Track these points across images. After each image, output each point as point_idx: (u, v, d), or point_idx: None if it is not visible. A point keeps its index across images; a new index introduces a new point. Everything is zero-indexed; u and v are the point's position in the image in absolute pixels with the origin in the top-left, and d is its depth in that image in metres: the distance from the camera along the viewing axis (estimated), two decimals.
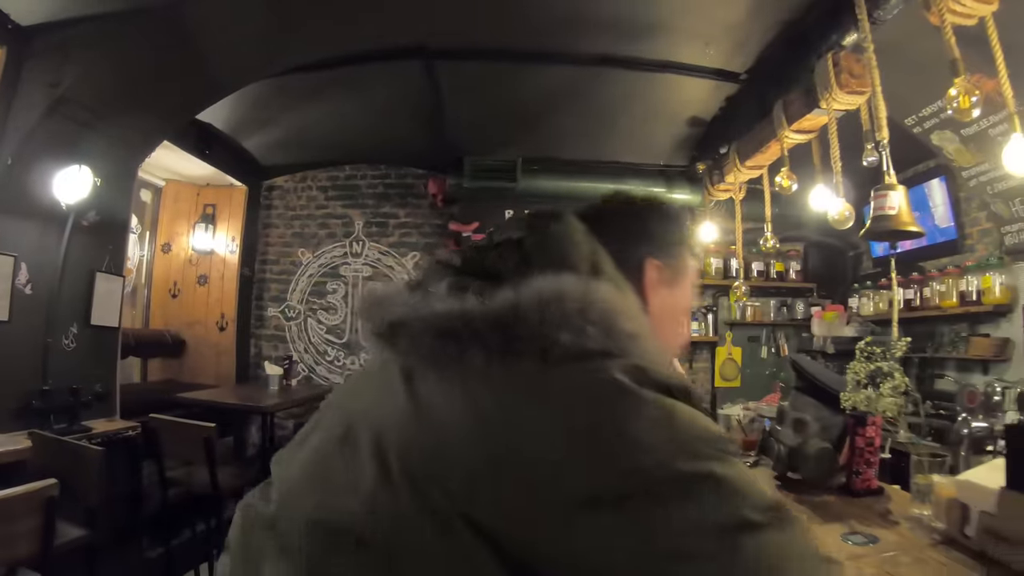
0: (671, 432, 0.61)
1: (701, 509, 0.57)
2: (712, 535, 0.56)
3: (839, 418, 2.11)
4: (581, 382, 0.63)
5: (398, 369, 0.72)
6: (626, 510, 0.56)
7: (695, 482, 0.58)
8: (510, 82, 4.45)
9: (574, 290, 0.68)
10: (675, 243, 1.08)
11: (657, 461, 0.58)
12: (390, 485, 0.62)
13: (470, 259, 0.80)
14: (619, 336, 0.68)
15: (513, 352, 0.65)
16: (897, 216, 2.52)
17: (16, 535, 2.14)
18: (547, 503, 0.57)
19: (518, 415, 0.62)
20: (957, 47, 2.38)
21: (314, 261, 6.36)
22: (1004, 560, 1.46)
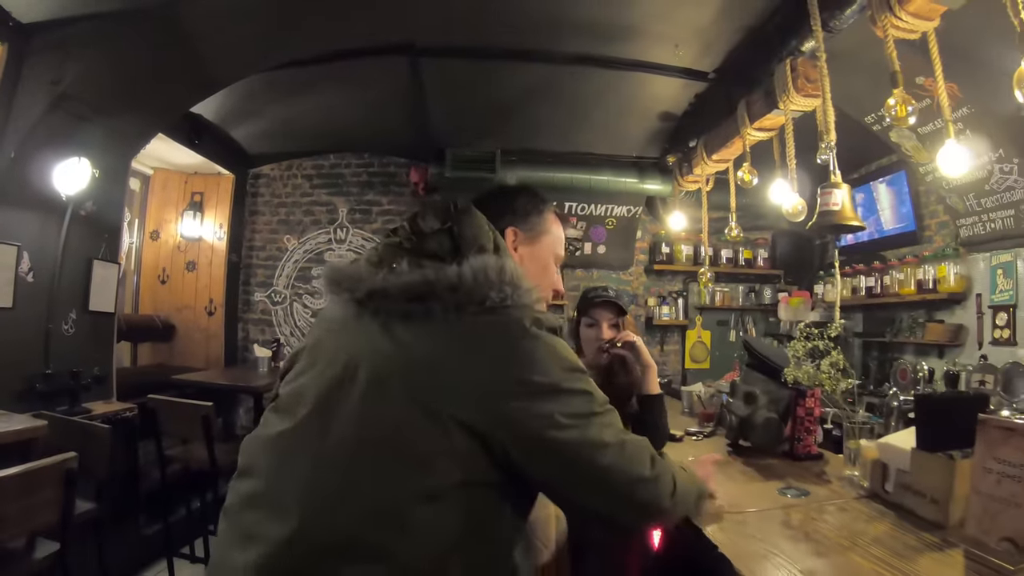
0: (555, 359, 1.11)
1: (571, 404, 1.10)
2: (578, 417, 1.10)
3: (786, 391, 2.36)
4: (503, 325, 1.10)
5: (377, 324, 1.12)
6: (531, 400, 1.06)
7: (569, 389, 1.11)
8: (491, 78, 4.62)
9: (493, 263, 1.12)
10: (529, 212, 1.49)
11: (548, 374, 1.09)
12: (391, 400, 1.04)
13: (416, 244, 1.21)
14: (522, 291, 1.13)
15: (460, 306, 1.08)
16: (840, 211, 2.75)
17: (37, 506, 2.26)
18: (487, 398, 1.05)
19: (466, 347, 1.07)
20: (929, 52, 2.61)
21: (299, 247, 6.52)
22: (911, 507, 1.72)
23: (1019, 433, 1.45)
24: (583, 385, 1.14)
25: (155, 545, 3.99)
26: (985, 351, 4.31)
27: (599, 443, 1.11)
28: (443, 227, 1.22)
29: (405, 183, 6.44)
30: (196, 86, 4.14)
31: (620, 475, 1.12)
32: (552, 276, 1.54)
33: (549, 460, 1.09)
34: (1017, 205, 3.98)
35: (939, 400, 1.79)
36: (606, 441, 1.11)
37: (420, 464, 1.02)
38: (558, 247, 1.56)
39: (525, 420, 1.06)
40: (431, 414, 1.02)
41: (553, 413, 1.07)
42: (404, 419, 1.02)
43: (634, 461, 1.15)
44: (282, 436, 1.11)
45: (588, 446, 1.10)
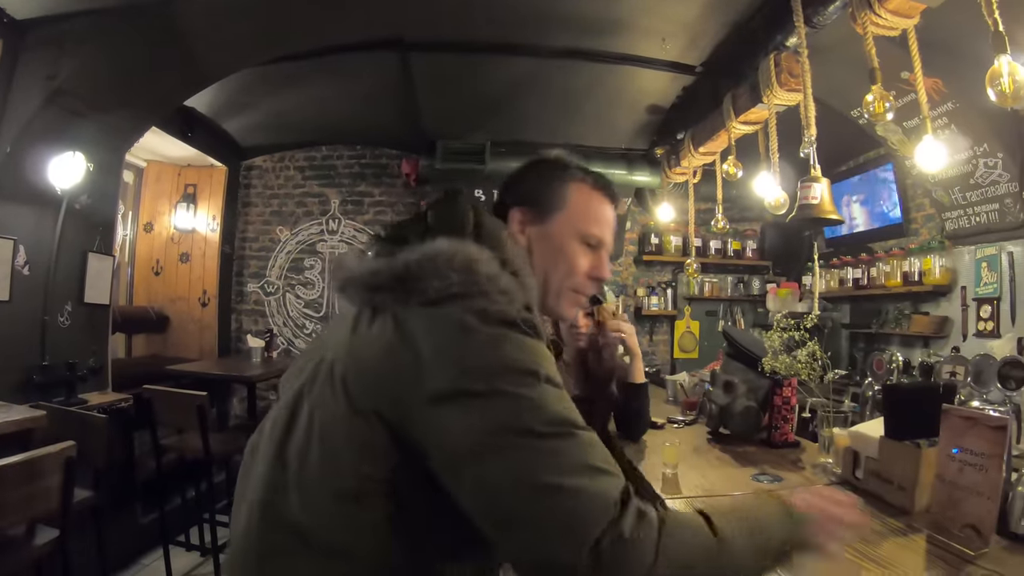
0: (493, 357, 0.89)
1: (500, 415, 0.86)
2: (504, 434, 0.84)
3: (765, 381, 2.44)
4: (437, 320, 0.93)
5: (352, 315, 1.03)
6: (450, 406, 0.87)
7: (495, 395, 0.86)
8: (480, 72, 4.66)
9: (445, 249, 0.97)
10: (541, 185, 1.29)
11: (476, 375, 0.87)
12: (335, 393, 0.95)
13: (392, 230, 1.11)
14: (478, 279, 0.95)
15: (406, 297, 0.95)
16: (819, 205, 2.82)
17: (37, 493, 2.31)
18: (412, 401, 0.89)
19: (401, 343, 0.92)
20: (913, 49, 2.67)
21: (292, 238, 6.56)
22: (879, 493, 1.79)
23: (980, 423, 1.52)
24: (523, 391, 0.87)
25: (152, 533, 4.06)
26: (968, 343, 4.39)
27: (518, 478, 0.83)
28: (421, 212, 1.13)
29: (397, 174, 6.48)
30: (189, 80, 4.18)
31: (535, 537, 0.82)
32: (576, 260, 1.26)
33: (456, 484, 0.88)
34: (1001, 199, 4.03)
35: (906, 390, 1.86)
36: (532, 480, 0.82)
37: (353, 463, 0.92)
38: (584, 224, 1.27)
39: (438, 428, 0.88)
40: (362, 412, 0.92)
41: (469, 425, 0.86)
42: (342, 416, 0.93)
43: (568, 523, 0.81)
44: (261, 432, 1.08)
45: (501, 478, 0.83)
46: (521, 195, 1.28)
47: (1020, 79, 2.01)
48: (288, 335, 6.48)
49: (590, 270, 1.28)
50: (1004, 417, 1.49)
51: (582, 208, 1.28)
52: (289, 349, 6.44)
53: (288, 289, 6.53)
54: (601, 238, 1.29)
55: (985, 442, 1.48)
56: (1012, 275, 4.11)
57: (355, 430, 0.92)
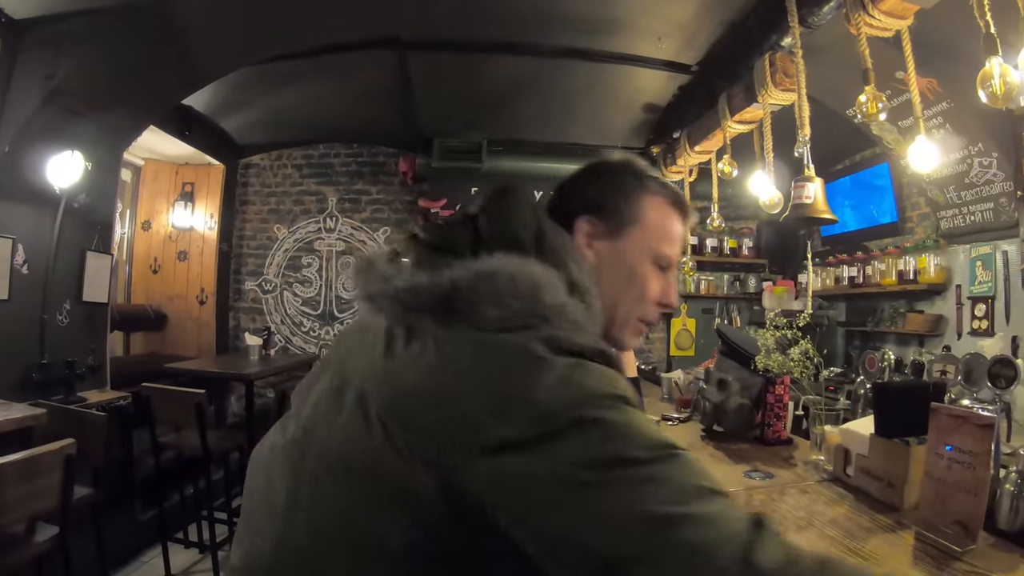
0: (570, 389, 0.72)
1: (585, 447, 0.69)
2: (599, 465, 0.68)
3: (758, 378, 2.46)
4: (499, 350, 0.76)
5: (383, 331, 0.86)
6: (527, 451, 0.69)
7: (582, 425, 0.70)
8: (478, 71, 4.69)
9: (505, 269, 0.81)
10: (615, 194, 1.10)
11: (554, 413, 0.70)
12: (368, 426, 0.78)
13: (435, 234, 0.92)
14: (542, 308, 0.80)
15: (451, 322, 0.79)
16: (813, 204, 2.84)
17: (38, 491, 2.34)
18: (474, 446, 0.71)
19: (455, 377, 0.76)
20: (907, 49, 2.69)
21: (289, 236, 6.58)
22: (869, 490, 1.81)
23: (969, 421, 1.54)
24: (614, 416, 0.72)
25: (150, 530, 4.08)
26: (963, 341, 4.41)
27: (631, 515, 0.66)
28: (470, 214, 0.94)
29: (394, 172, 6.50)
30: (187, 79, 4.19)
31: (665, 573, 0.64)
32: (647, 284, 1.10)
33: (544, 537, 0.70)
34: (996, 198, 4.04)
35: (896, 389, 1.88)
36: (646, 511, 0.66)
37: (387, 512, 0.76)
38: (659, 242, 1.11)
39: (513, 475, 0.71)
40: (402, 454, 0.75)
41: (557, 464, 0.69)
42: (376, 457, 0.77)
43: (704, 550, 0.64)
44: (274, 449, 0.95)
45: (610, 519, 0.66)
46: (590, 203, 1.09)
47: (1011, 80, 2.04)
48: (286, 333, 6.50)
49: (660, 295, 1.11)
50: (991, 415, 1.51)
51: (658, 224, 1.11)
52: (287, 347, 6.46)
53: (286, 287, 6.55)
54: (673, 260, 1.13)
55: (973, 440, 1.50)
56: (1006, 274, 4.12)
57: (391, 473, 0.76)
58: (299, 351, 6.47)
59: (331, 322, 6.51)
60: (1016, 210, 3.90)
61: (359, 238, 6.55)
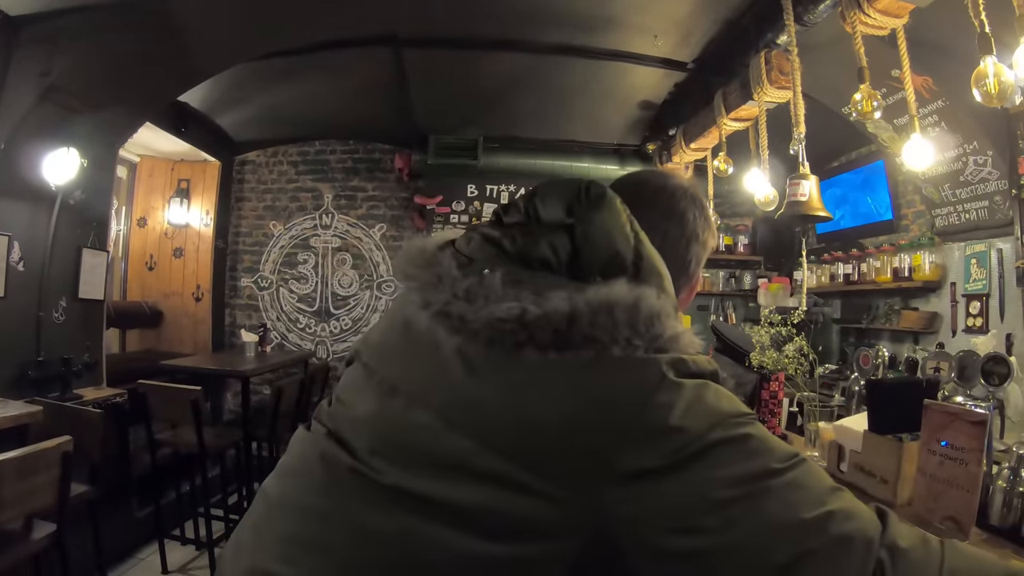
0: (704, 410, 0.71)
1: (733, 463, 0.68)
2: (744, 484, 0.67)
3: (753, 375, 2.47)
4: (627, 374, 0.72)
5: (453, 344, 0.76)
6: (672, 476, 0.67)
7: (725, 444, 0.69)
8: (473, 68, 4.69)
9: (624, 299, 0.75)
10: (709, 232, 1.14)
11: (693, 435, 0.69)
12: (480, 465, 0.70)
13: (524, 245, 0.81)
14: (661, 338, 0.75)
15: (565, 348, 0.72)
16: (807, 202, 2.85)
17: (35, 488, 2.35)
18: (601, 481, 0.68)
19: (573, 402, 0.71)
20: (902, 48, 2.71)
21: (285, 233, 6.58)
22: (863, 486, 1.83)
23: (961, 418, 1.56)
24: (752, 430, 0.73)
25: (147, 527, 4.08)
26: (957, 339, 4.43)
27: (781, 522, 0.68)
28: (564, 222, 0.81)
29: (390, 169, 6.50)
30: (183, 76, 4.19)
31: (825, 569, 0.67)
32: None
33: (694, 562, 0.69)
34: (991, 196, 4.06)
35: (889, 386, 1.90)
36: (796, 518, 0.67)
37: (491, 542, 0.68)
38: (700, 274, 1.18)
39: (652, 503, 0.68)
40: (515, 486, 0.69)
41: (700, 485, 0.68)
42: (473, 485, 0.70)
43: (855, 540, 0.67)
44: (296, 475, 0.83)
45: (769, 526, 0.68)
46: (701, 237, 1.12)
47: (1005, 80, 2.05)
48: (282, 330, 6.50)
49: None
50: (984, 412, 1.53)
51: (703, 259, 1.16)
52: (283, 343, 6.46)
53: (282, 284, 6.55)
54: None
55: (965, 437, 1.52)
56: (1001, 272, 4.14)
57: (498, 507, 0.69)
58: (295, 348, 6.47)
59: (327, 319, 6.52)
60: (1011, 208, 3.91)
61: (355, 235, 6.55)
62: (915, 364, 2.78)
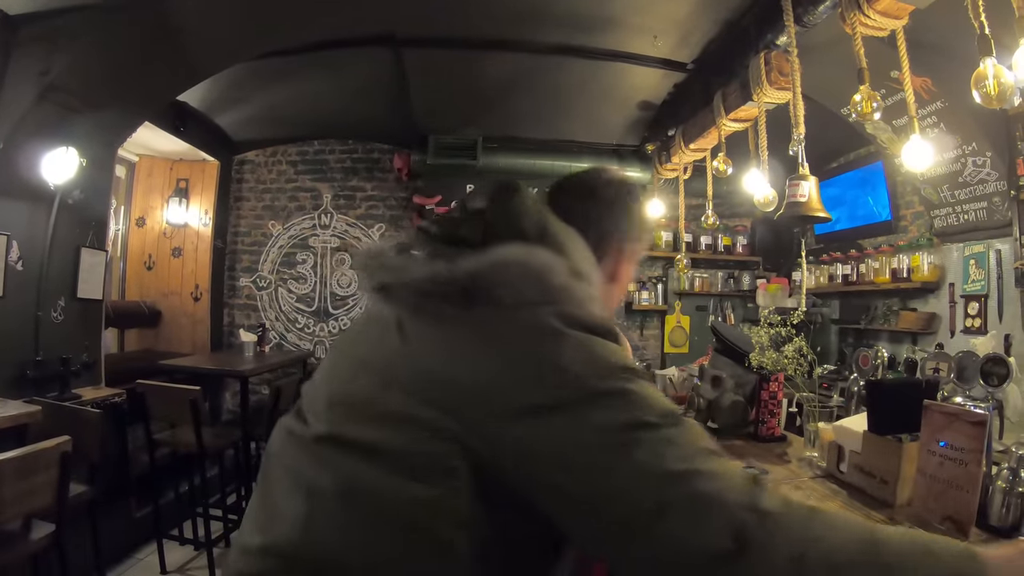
0: (588, 360, 0.82)
1: (610, 413, 0.78)
2: (615, 429, 0.77)
3: (752, 375, 2.48)
4: (518, 325, 0.85)
5: (393, 319, 0.92)
6: (555, 416, 0.78)
7: (605, 395, 0.79)
8: (472, 68, 4.68)
9: (516, 256, 0.90)
10: (636, 221, 1.31)
11: (575, 379, 0.80)
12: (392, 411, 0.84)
13: (445, 229, 1.00)
14: (550, 289, 0.88)
15: (472, 305, 0.86)
16: (807, 202, 2.85)
17: (34, 489, 2.34)
18: (497, 415, 0.79)
19: (477, 352, 0.84)
20: (902, 49, 2.71)
21: (284, 233, 6.57)
22: (862, 487, 1.83)
23: (960, 419, 1.56)
24: (627, 385, 0.81)
25: (146, 527, 4.06)
26: (956, 340, 4.44)
27: (646, 471, 0.76)
28: (481, 209, 1.02)
29: (389, 169, 6.49)
30: (182, 75, 4.19)
31: (676, 527, 0.73)
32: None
33: (564, 497, 0.79)
34: (990, 197, 4.06)
35: (889, 386, 1.90)
36: (662, 468, 0.75)
37: (414, 480, 0.81)
38: (641, 250, 1.36)
39: (535, 441, 0.79)
40: (432, 429, 0.81)
41: (576, 430, 0.78)
42: (401, 432, 0.83)
43: (716, 500, 0.74)
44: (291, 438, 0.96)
45: (629, 475, 0.76)
46: (625, 229, 1.29)
47: (1005, 81, 2.05)
48: (280, 329, 6.50)
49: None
50: (983, 413, 1.53)
51: (642, 236, 1.34)
52: (281, 343, 6.45)
53: (280, 283, 6.54)
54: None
55: (965, 437, 1.52)
56: (999, 272, 4.14)
57: (417, 448, 0.82)
58: (294, 348, 6.47)
59: (325, 319, 6.51)
60: (1009, 209, 3.92)
61: (354, 235, 6.54)
62: (914, 365, 2.79)
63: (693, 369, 3.37)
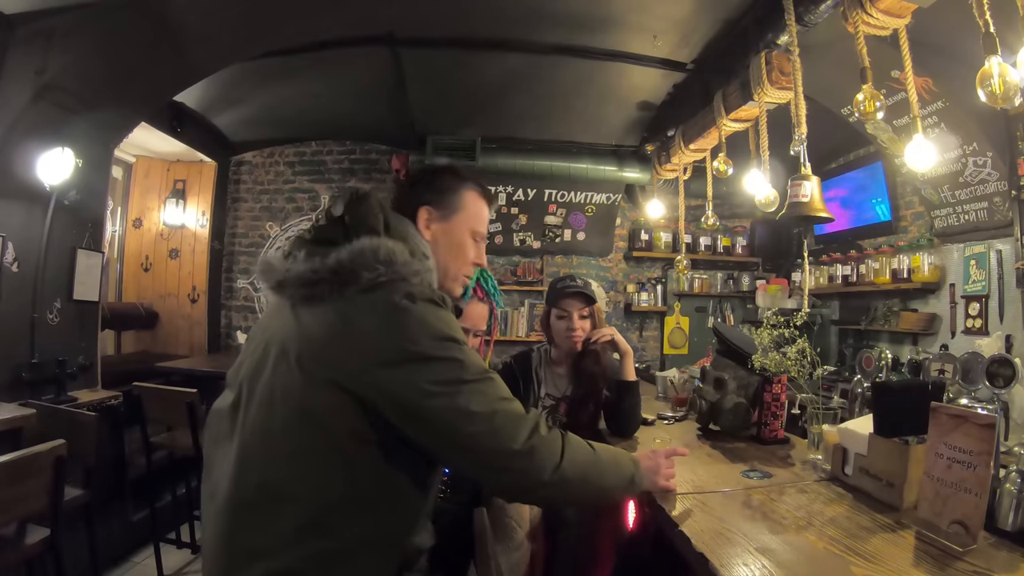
0: (423, 328, 1.22)
1: (439, 371, 1.21)
2: (445, 384, 1.21)
3: (755, 377, 2.45)
4: (377, 304, 1.22)
5: (288, 307, 1.28)
6: (397, 368, 1.19)
7: (437, 356, 1.22)
8: (471, 68, 4.65)
9: (370, 245, 1.26)
10: (444, 190, 1.58)
11: (415, 343, 1.20)
12: (291, 370, 1.20)
13: (316, 234, 1.34)
14: (397, 267, 1.26)
15: (342, 288, 1.22)
16: (809, 203, 2.83)
17: (28, 492, 2.31)
18: (366, 368, 1.18)
19: (344, 322, 1.21)
20: (904, 48, 2.69)
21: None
22: (868, 490, 1.81)
23: (969, 421, 1.53)
24: (454, 353, 1.24)
25: (142, 530, 4.03)
26: (957, 340, 4.42)
27: (465, 412, 1.21)
28: (341, 216, 1.35)
29: (387, 170, 6.48)
30: (179, 75, 4.15)
31: (486, 445, 1.24)
32: (468, 252, 1.61)
33: (418, 425, 1.21)
34: (990, 198, 4.05)
35: (895, 387, 1.87)
36: (472, 410, 1.22)
37: (313, 424, 1.18)
38: (476, 224, 1.62)
39: (393, 387, 1.19)
40: (320, 382, 1.18)
41: (419, 381, 1.19)
42: (301, 387, 1.19)
43: (502, 433, 1.26)
44: (219, 413, 1.34)
45: (454, 414, 1.21)
46: (429, 198, 1.56)
47: (1010, 80, 2.02)
48: None
49: (475, 259, 1.63)
50: (992, 415, 1.51)
51: (474, 211, 1.62)
52: None
53: None
54: (484, 234, 1.66)
55: (974, 440, 1.50)
56: (1000, 273, 4.14)
57: (315, 398, 1.18)
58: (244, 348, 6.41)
59: None
60: (1010, 209, 3.91)
61: None
62: (919, 366, 2.76)
63: (694, 371, 3.35)
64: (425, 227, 1.53)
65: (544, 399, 2.75)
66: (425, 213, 1.54)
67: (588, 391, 2.63)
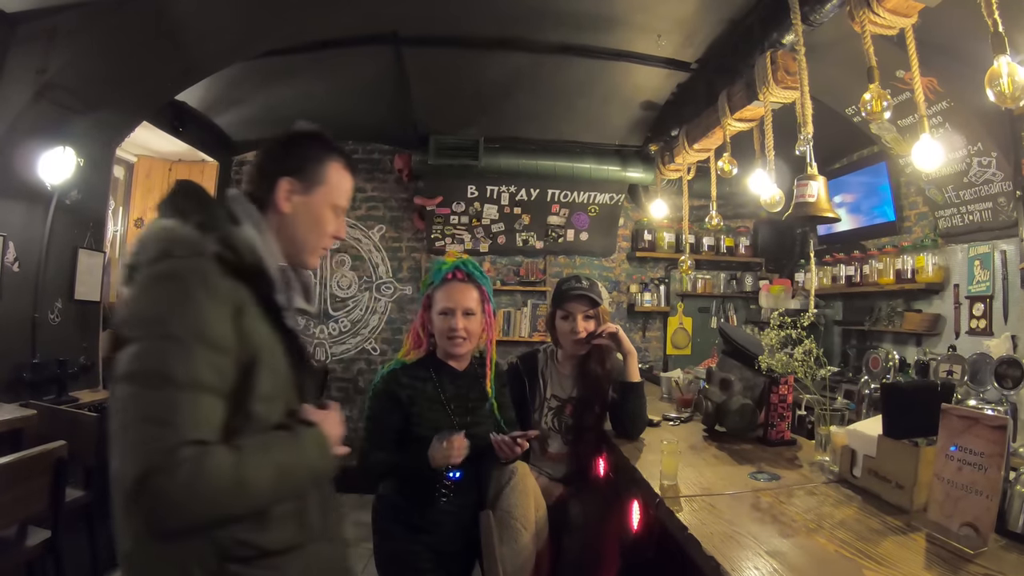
0: (146, 310, 1.19)
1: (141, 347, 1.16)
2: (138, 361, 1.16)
3: (761, 378, 2.44)
4: (141, 279, 1.22)
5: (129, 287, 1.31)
6: (135, 340, 1.17)
7: (157, 337, 1.17)
8: (474, 67, 4.64)
9: (149, 229, 1.30)
10: (306, 161, 1.50)
11: (143, 322, 1.18)
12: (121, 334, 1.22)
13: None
14: (165, 243, 1.24)
15: (139, 269, 1.24)
16: (815, 203, 2.82)
17: (28, 494, 2.32)
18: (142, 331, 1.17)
19: (132, 297, 1.23)
20: (911, 48, 2.67)
21: None
22: (877, 492, 1.79)
23: (980, 423, 1.52)
24: (155, 338, 1.17)
25: None
26: (961, 341, 4.40)
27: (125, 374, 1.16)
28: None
29: (389, 170, 6.47)
30: (180, 75, 4.14)
31: (127, 435, 1.12)
32: (327, 227, 1.55)
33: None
34: (995, 198, 4.03)
35: (905, 389, 1.86)
36: (167, 373, 1.14)
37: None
38: (338, 198, 1.55)
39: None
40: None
41: (135, 355, 1.16)
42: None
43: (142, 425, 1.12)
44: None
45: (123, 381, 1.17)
46: (289, 168, 1.48)
47: (1019, 80, 2.01)
48: None
49: (335, 232, 1.56)
50: (1004, 417, 1.50)
51: (336, 184, 1.54)
52: None
53: None
54: (345, 207, 1.59)
55: (985, 441, 1.48)
56: (1005, 273, 4.12)
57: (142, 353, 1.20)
58: None
59: (325, 320, 6.47)
60: (1015, 209, 3.89)
61: (354, 236, 6.50)
62: (926, 367, 2.74)
63: (699, 371, 3.34)
64: (285, 199, 1.46)
65: (550, 400, 2.74)
66: (287, 184, 1.47)
67: (593, 392, 2.62)
